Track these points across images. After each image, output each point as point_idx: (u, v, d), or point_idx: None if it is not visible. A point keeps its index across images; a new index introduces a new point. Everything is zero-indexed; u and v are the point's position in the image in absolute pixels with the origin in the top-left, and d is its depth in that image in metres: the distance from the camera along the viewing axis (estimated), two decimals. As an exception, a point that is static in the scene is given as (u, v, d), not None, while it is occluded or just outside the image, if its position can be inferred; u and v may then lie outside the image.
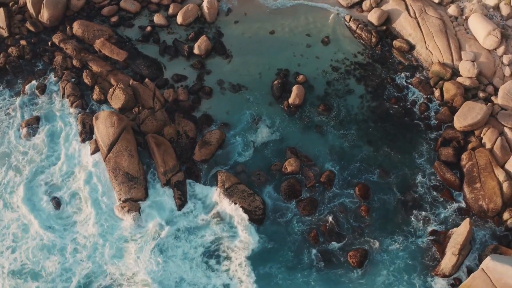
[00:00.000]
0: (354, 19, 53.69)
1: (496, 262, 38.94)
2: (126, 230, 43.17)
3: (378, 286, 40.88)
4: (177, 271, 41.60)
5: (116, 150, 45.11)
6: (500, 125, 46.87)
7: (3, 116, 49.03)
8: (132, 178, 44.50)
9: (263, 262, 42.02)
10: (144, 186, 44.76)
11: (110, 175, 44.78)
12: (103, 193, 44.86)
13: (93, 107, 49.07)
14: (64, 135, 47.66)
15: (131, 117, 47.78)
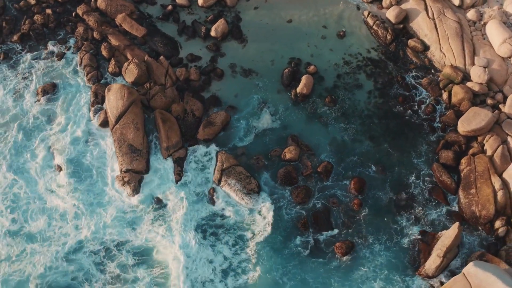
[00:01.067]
0: (372, 15, 53.38)
1: (477, 269, 38.81)
2: (125, 201, 44.45)
3: (357, 278, 41.16)
4: (170, 241, 42.78)
5: (123, 122, 46.37)
6: (504, 133, 46.25)
7: (21, 80, 50.77)
8: (135, 150, 45.73)
9: (248, 243, 42.74)
10: (146, 159, 45.97)
11: (115, 146, 46.13)
12: (107, 163, 46.30)
13: (107, 79, 50.46)
14: (77, 104, 49.18)
15: (142, 92, 48.92)
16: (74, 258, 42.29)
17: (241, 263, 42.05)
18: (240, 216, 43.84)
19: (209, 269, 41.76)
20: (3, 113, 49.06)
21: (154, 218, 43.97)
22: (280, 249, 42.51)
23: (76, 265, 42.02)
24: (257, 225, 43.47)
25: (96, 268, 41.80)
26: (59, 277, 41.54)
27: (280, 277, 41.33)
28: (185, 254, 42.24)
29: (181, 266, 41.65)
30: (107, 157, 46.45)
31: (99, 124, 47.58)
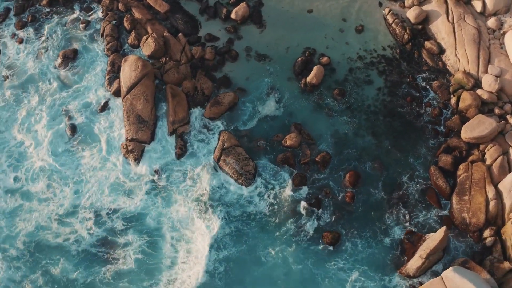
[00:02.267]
0: (393, 13, 52.62)
1: (456, 274, 38.64)
2: (126, 169, 45.82)
3: (336, 267, 41.62)
4: (166, 212, 44.18)
5: (134, 92, 47.42)
6: (506, 144, 45.37)
7: (44, 42, 52.40)
8: (142, 121, 46.80)
9: (239, 219, 43.70)
10: (151, 131, 47.01)
11: (124, 115, 47.32)
12: (115, 131, 47.63)
13: (126, 50, 51.54)
14: (94, 71, 50.66)
15: (157, 66, 49.92)
16: (68, 221, 43.86)
17: (227, 237, 42.90)
18: (234, 194, 44.59)
19: (200, 240, 42.87)
20: (22, 74, 50.95)
21: (152, 188, 45.11)
22: (267, 229, 43.44)
23: (69, 228, 43.59)
24: (249, 205, 44.20)
25: (87, 232, 43.26)
26: (50, 237, 43.23)
27: (262, 254, 42.21)
28: (178, 223, 43.59)
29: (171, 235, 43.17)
30: (115, 125, 47.69)
31: (112, 93, 48.91)
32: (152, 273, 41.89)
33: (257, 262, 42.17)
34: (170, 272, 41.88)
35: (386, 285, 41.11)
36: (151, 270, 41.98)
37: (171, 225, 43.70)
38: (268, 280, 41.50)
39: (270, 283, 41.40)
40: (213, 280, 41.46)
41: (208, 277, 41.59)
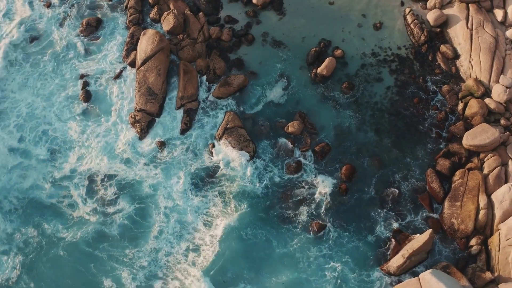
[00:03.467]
0: (413, 13, 51.60)
1: (433, 277, 38.40)
2: (131, 138, 46.82)
3: (318, 255, 41.98)
4: (163, 182, 45.11)
5: (148, 65, 48.23)
6: (507, 156, 44.44)
7: (68, 9, 53.62)
8: (152, 93, 47.67)
9: (233, 198, 44.33)
10: (160, 104, 47.88)
11: (136, 85, 48.28)
12: (126, 100, 48.67)
13: (147, 23, 52.37)
14: (114, 41, 51.68)
15: (174, 42, 50.62)
16: (63, 185, 45.32)
17: (219, 215, 43.69)
18: (231, 174, 45.12)
19: (191, 214, 43.73)
20: (43, 39, 52.32)
21: (152, 159, 46.10)
22: (257, 210, 43.87)
23: (63, 191, 45.01)
24: (244, 185, 44.66)
25: (81, 197, 44.70)
26: (44, 197, 44.77)
27: (247, 233, 42.91)
28: (174, 194, 44.53)
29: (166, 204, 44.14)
30: (127, 95, 48.71)
31: (128, 63, 49.97)
32: (137, 240, 42.91)
33: (241, 239, 42.75)
34: (157, 242, 42.78)
35: (364, 279, 41.18)
36: (135, 237, 43.04)
37: (167, 195, 44.49)
38: (249, 257, 42.13)
39: (250, 260, 42.05)
40: (195, 252, 42.41)
41: (192, 250, 42.47)
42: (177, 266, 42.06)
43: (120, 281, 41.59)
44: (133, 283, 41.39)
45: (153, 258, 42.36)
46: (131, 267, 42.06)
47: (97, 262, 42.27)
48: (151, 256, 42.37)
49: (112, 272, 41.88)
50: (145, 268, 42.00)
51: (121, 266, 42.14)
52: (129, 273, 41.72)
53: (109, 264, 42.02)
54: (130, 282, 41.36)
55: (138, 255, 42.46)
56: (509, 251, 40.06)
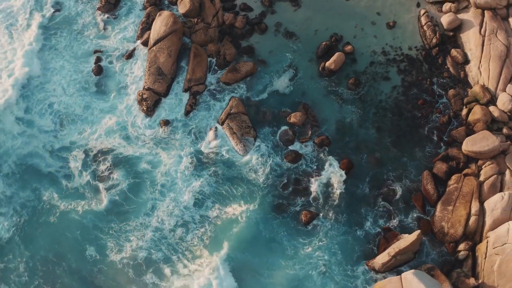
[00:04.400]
0: (428, 15, 50.78)
1: (415, 277, 38.28)
2: (135, 116, 47.45)
3: (306, 245, 42.22)
4: (161, 160, 45.74)
5: (159, 46, 48.70)
6: (505, 165, 43.69)
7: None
8: (161, 73, 48.14)
9: (228, 181, 44.81)
10: (168, 84, 48.36)
11: (146, 64, 48.85)
12: (136, 78, 49.24)
13: (164, 5, 52.76)
14: (130, 19, 52.32)
15: (188, 25, 50.93)
16: (62, 156, 46.27)
17: (212, 195, 44.14)
18: (229, 158, 45.52)
19: (186, 194, 44.21)
20: (62, 12, 53.11)
21: (154, 138, 46.61)
22: (251, 197, 44.13)
23: (61, 163, 45.95)
24: (241, 170, 45.03)
25: (78, 169, 45.53)
26: (42, 166, 45.78)
27: (237, 216, 43.28)
28: (171, 173, 45.07)
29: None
30: (137, 73, 49.26)
31: (141, 42, 50.46)
32: (128, 214, 43.80)
33: (232, 221, 43.21)
34: (147, 218, 43.54)
35: (348, 273, 41.11)
36: (127, 211, 43.91)
37: (164, 173, 45.05)
38: (236, 239, 42.54)
39: (238, 241, 42.48)
40: (184, 228, 43.15)
41: (180, 226, 43.13)
42: (162, 241, 42.60)
43: (105, 252, 42.54)
44: (118, 254, 42.23)
45: (141, 233, 43.02)
46: (117, 239, 42.87)
47: (85, 231, 43.30)
48: (140, 231, 43.02)
49: (97, 241, 42.81)
50: (132, 242, 42.68)
51: (106, 237, 43.01)
52: (115, 244, 42.53)
53: (94, 234, 42.94)
54: (115, 254, 42.20)
55: (126, 229, 43.24)
56: (495, 260, 39.58)
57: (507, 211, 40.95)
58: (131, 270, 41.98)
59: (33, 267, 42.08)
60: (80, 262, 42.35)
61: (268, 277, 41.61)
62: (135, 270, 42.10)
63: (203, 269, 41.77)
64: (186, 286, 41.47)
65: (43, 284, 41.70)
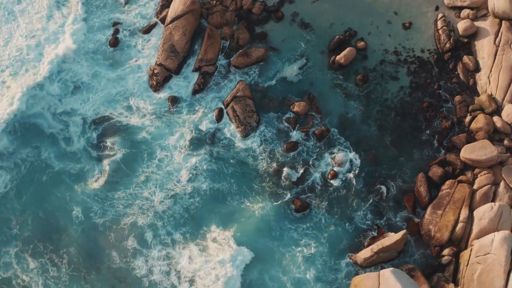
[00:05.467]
0: (445, 19, 49.68)
1: (392, 275, 38.09)
2: (143, 89, 48.08)
3: (294, 231, 42.43)
4: (162, 134, 46.39)
5: (175, 24, 49.13)
6: (500, 176, 42.89)
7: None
8: (174, 51, 48.53)
9: (225, 161, 45.25)
10: (179, 62, 48.79)
11: (161, 41, 49.33)
12: (149, 53, 49.71)
13: (185, -14, 53.49)
14: (151, -3, 53.86)
15: (206, 6, 51.09)
16: (64, 120, 47.25)
17: (207, 172, 44.66)
18: (230, 139, 45.90)
19: (180, 168, 44.93)
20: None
21: (159, 112, 47.22)
22: (246, 179, 44.63)
23: (63, 125, 46.96)
24: (239, 153, 45.42)
25: (77, 135, 46.46)
26: (45, 126, 46.96)
27: (230, 196, 43.84)
28: (169, 148, 45.73)
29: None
30: (151, 49, 49.77)
31: (159, 19, 50.94)
32: (121, 182, 44.75)
33: (224, 200, 43.78)
34: (139, 187, 44.40)
35: (331, 264, 41.26)
36: (120, 180, 44.86)
37: (163, 147, 45.75)
38: (227, 218, 43.15)
39: (224, 216, 43.18)
40: (173, 199, 43.91)
41: (170, 198, 43.89)
42: (149, 209, 43.58)
43: (88, 214, 43.67)
44: (101, 218, 43.29)
45: (129, 201, 43.96)
46: (102, 204, 43.88)
47: (74, 194, 44.46)
48: (128, 200, 43.97)
49: (83, 204, 43.94)
50: (117, 208, 43.70)
51: (92, 202, 44.03)
52: (100, 209, 43.62)
53: (82, 198, 44.14)
54: (98, 218, 43.31)
55: (114, 197, 44.21)
56: (476, 268, 39.00)
57: (495, 222, 40.33)
58: (113, 234, 43.04)
59: (24, 221, 43.57)
60: (67, 221, 43.66)
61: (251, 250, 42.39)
62: (116, 234, 43.09)
63: (187, 238, 42.70)
64: (168, 253, 42.24)
65: (32, 238, 43.08)
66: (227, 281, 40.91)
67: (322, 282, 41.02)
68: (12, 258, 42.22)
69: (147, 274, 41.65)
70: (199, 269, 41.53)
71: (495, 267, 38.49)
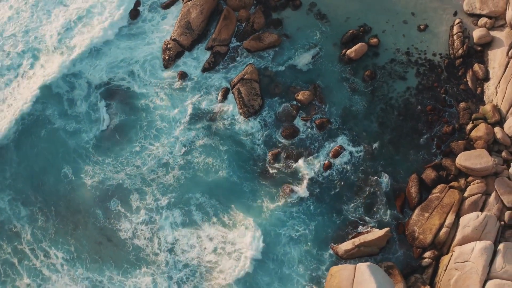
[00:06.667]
0: (461, 25, 48.51)
1: (368, 270, 37.94)
2: (154, 62, 48.63)
3: (281, 213, 42.51)
4: (166, 108, 46.91)
5: (194, 2, 49.57)
6: (492, 187, 41.91)
7: None
8: (189, 28, 48.74)
9: (221, 137, 45.52)
10: (193, 39, 49.05)
11: (178, 17, 49.63)
12: (167, 27, 50.25)
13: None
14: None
15: (227, -12, 51.30)
16: (70, 81, 48.20)
17: (203, 146, 45.17)
18: (231, 120, 46.03)
19: (178, 142, 45.50)
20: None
21: (166, 86, 47.68)
22: (239, 159, 44.86)
23: (69, 87, 48.01)
24: (237, 132, 45.59)
25: (81, 97, 47.40)
26: (53, 86, 47.81)
27: (221, 171, 44.24)
28: (170, 120, 46.33)
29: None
30: (168, 24, 50.17)
31: (180, -5, 51.39)
32: (115, 147, 45.67)
33: (214, 174, 44.17)
34: (131, 155, 45.20)
35: (311, 251, 41.17)
36: (114, 145, 45.75)
37: (163, 118, 46.34)
38: (212, 185, 43.72)
39: (212, 187, 43.65)
40: (164, 168, 44.60)
41: (162, 166, 44.58)
42: (137, 176, 44.29)
43: (79, 174, 44.62)
44: (90, 179, 44.24)
45: (119, 168, 44.83)
46: (93, 167, 44.76)
47: (67, 152, 45.51)
48: (117, 167, 44.86)
49: (75, 164, 44.93)
50: (106, 172, 44.61)
51: (84, 162, 44.96)
52: (91, 170, 44.59)
53: (73, 157, 45.18)
54: (89, 178, 44.28)
55: (106, 161, 45.02)
56: (453, 274, 38.44)
57: (479, 231, 39.53)
58: (98, 193, 43.94)
59: (19, 172, 44.89)
60: (57, 177, 44.85)
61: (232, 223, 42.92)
62: (103, 195, 43.97)
63: (170, 206, 43.32)
64: (151, 217, 42.93)
65: (24, 188, 44.35)
66: (209, 250, 41.69)
67: (303, 266, 41.09)
68: (6, 204, 43.77)
69: (131, 237, 42.45)
70: (181, 237, 42.20)
71: (471, 275, 37.94)
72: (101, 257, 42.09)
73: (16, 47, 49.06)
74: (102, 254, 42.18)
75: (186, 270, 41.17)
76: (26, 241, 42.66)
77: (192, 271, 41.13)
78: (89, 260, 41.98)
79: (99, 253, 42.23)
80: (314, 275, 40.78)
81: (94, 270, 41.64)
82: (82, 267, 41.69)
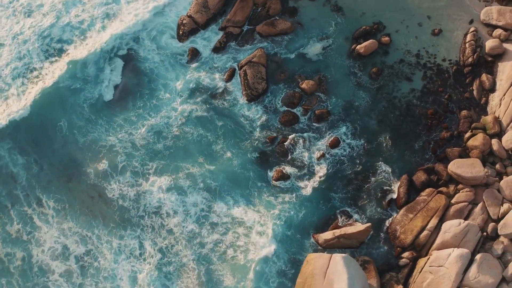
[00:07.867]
0: (475, 34, 47.24)
1: (342, 261, 37.61)
2: (169, 35, 49.19)
3: (272, 195, 42.69)
4: (171, 76, 47.40)
5: (215, -17, 49.64)
6: (480, 197, 41.11)
7: None
8: (206, 7, 48.90)
9: (222, 116, 45.75)
10: (208, 18, 49.18)
11: (198, -5, 50.17)
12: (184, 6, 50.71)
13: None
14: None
15: (247, -31, 50.93)
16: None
17: (199, 120, 45.61)
18: (233, 100, 46.21)
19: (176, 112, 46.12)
20: None
21: (175, 60, 48.11)
22: (236, 135, 45.07)
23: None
24: (237, 113, 45.71)
25: (93, 60, 48.24)
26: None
27: (214, 145, 44.70)
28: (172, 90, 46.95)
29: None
30: (187, 1, 50.58)
31: (203, -27, 51.26)
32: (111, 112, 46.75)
33: (207, 146, 44.74)
34: (129, 125, 45.90)
35: (292, 236, 41.12)
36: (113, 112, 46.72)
37: (166, 87, 47.02)
38: (206, 160, 44.08)
39: (205, 163, 43.97)
40: (156, 136, 45.22)
41: (154, 134, 45.21)
42: (127, 142, 45.06)
43: (73, 131, 45.53)
44: (82, 138, 45.11)
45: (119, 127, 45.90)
46: (92, 129, 45.68)
47: (66, 109, 46.47)
48: (110, 137, 45.65)
49: (70, 120, 45.80)
50: (98, 131, 45.66)
51: (79, 120, 45.95)
52: (87, 130, 45.48)
53: (69, 115, 46.09)
54: (81, 137, 45.21)
55: (98, 123, 45.93)
56: (427, 277, 37.98)
57: (458, 238, 38.86)
58: (89, 153, 44.75)
59: (17, 123, 45.93)
60: (53, 131, 45.78)
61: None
62: (93, 155, 44.74)
63: (159, 172, 43.90)
64: (137, 182, 43.56)
65: (21, 138, 45.50)
66: (193, 218, 42.24)
67: (284, 248, 41.22)
68: (5, 152, 44.99)
69: (118, 197, 43.26)
70: (167, 201, 42.88)
71: (444, 281, 37.43)
72: (92, 212, 42.98)
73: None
74: (93, 209, 43.06)
75: (170, 237, 41.76)
76: (21, 186, 43.89)
77: (176, 240, 41.66)
78: (80, 213, 43.05)
79: (90, 207, 43.13)
80: (293, 258, 40.93)
81: (83, 225, 42.55)
82: (73, 220, 42.88)
